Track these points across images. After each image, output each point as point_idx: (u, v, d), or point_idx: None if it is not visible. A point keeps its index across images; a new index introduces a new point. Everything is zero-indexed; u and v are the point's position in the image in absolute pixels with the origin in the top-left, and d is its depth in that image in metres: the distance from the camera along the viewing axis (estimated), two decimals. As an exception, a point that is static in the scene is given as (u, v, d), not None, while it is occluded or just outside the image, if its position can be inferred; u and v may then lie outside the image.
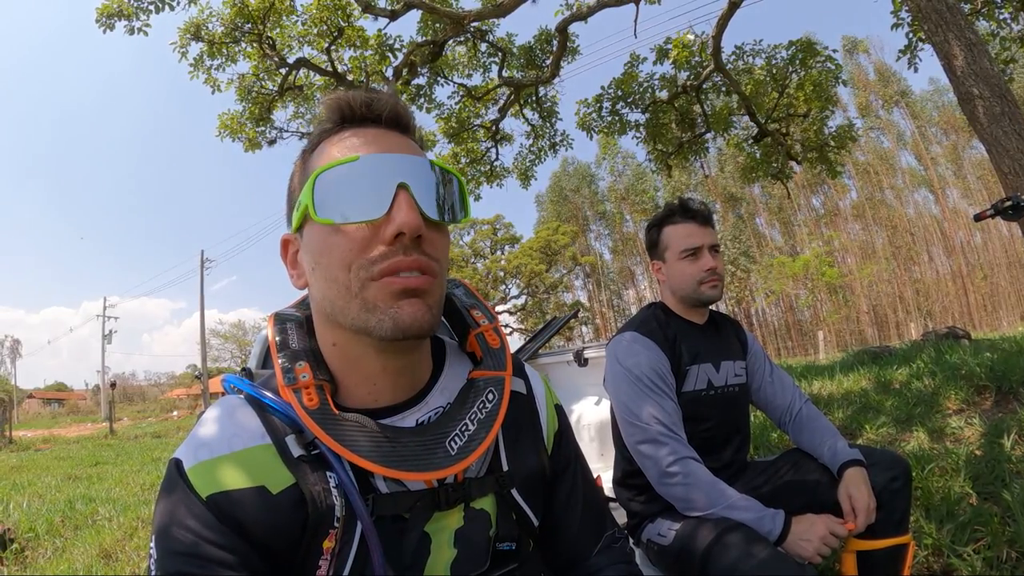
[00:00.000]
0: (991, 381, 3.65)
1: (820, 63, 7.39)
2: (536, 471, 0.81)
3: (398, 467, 0.65)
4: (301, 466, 0.64)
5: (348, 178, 0.65)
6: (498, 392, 0.77)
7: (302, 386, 0.68)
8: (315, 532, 0.63)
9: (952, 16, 3.03)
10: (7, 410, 18.97)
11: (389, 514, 0.66)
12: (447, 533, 0.70)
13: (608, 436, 1.97)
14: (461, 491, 0.71)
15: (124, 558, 3.57)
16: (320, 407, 0.66)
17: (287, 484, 0.63)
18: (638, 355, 1.57)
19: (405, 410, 0.73)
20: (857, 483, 1.40)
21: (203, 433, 0.67)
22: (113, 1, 5.92)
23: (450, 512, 0.71)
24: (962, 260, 34.87)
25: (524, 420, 0.84)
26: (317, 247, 0.67)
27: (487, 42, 7.84)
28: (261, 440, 0.66)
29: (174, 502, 0.62)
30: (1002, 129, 2.77)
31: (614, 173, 44.59)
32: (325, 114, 0.73)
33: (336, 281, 0.65)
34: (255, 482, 0.63)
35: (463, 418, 0.72)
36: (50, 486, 6.87)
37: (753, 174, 8.57)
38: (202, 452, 0.64)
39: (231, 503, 0.61)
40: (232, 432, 0.66)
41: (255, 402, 0.69)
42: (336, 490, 0.64)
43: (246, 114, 7.28)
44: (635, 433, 1.51)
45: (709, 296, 1.66)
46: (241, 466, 0.63)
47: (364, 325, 0.65)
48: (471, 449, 0.70)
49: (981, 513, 2.15)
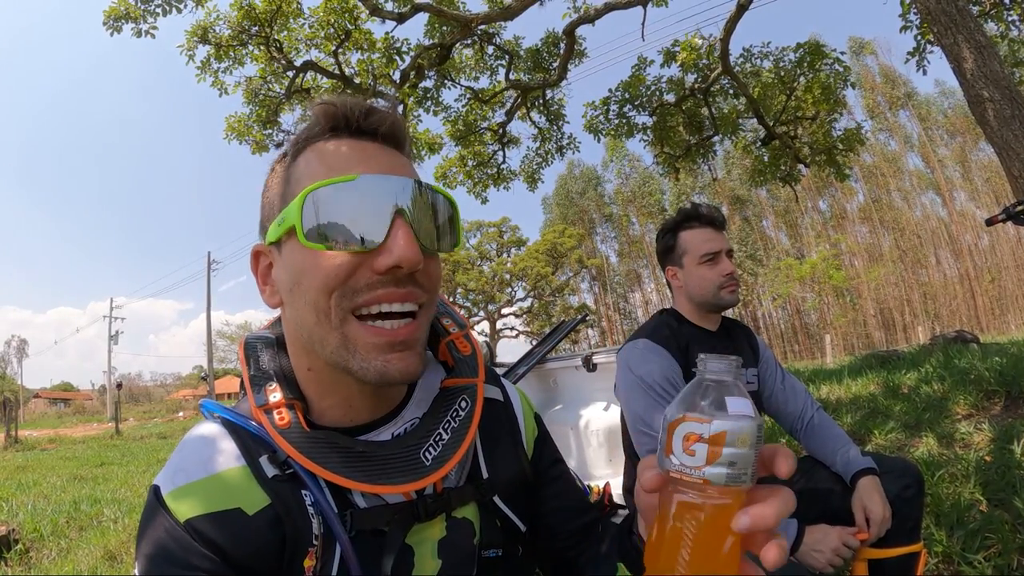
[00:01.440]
0: (1000, 386, 3.63)
1: (828, 65, 7.36)
2: (517, 477, 0.81)
3: (373, 481, 0.64)
4: (276, 486, 0.64)
5: (343, 199, 0.60)
6: (471, 400, 0.76)
7: (273, 407, 0.68)
8: (294, 551, 0.63)
9: (962, 19, 3.01)
10: (13, 410, 19.07)
11: (368, 528, 0.66)
12: (429, 544, 0.70)
13: (616, 442, 1.96)
14: (441, 501, 0.70)
15: (129, 560, 3.57)
16: (292, 426, 0.66)
17: (263, 505, 0.63)
18: (650, 363, 1.56)
19: (380, 426, 0.72)
20: (871, 493, 1.39)
21: (180, 458, 0.67)
22: (120, 4, 5.95)
23: (431, 523, 0.70)
24: (970, 263, 34.65)
25: (502, 427, 0.83)
26: (298, 267, 0.63)
27: (494, 45, 7.85)
28: (236, 462, 0.66)
29: (155, 528, 0.62)
30: (1012, 132, 2.75)
31: (621, 176, 44.64)
32: (316, 119, 0.67)
33: (315, 307, 0.62)
34: (231, 504, 0.63)
35: (436, 428, 0.71)
36: (55, 486, 6.89)
37: (761, 177, 8.53)
38: (179, 477, 0.65)
39: (208, 526, 0.61)
40: (208, 455, 0.67)
41: (230, 425, 0.69)
42: (312, 508, 0.64)
43: (253, 117, 7.32)
44: (647, 442, 1.51)
45: (728, 301, 1.66)
46: (217, 489, 0.63)
47: (344, 364, 0.63)
48: (446, 458, 0.69)
49: (991, 520, 2.14)
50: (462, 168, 8.86)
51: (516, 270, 33.39)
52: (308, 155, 0.66)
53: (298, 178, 0.65)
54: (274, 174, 0.70)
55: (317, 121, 0.67)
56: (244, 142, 7.63)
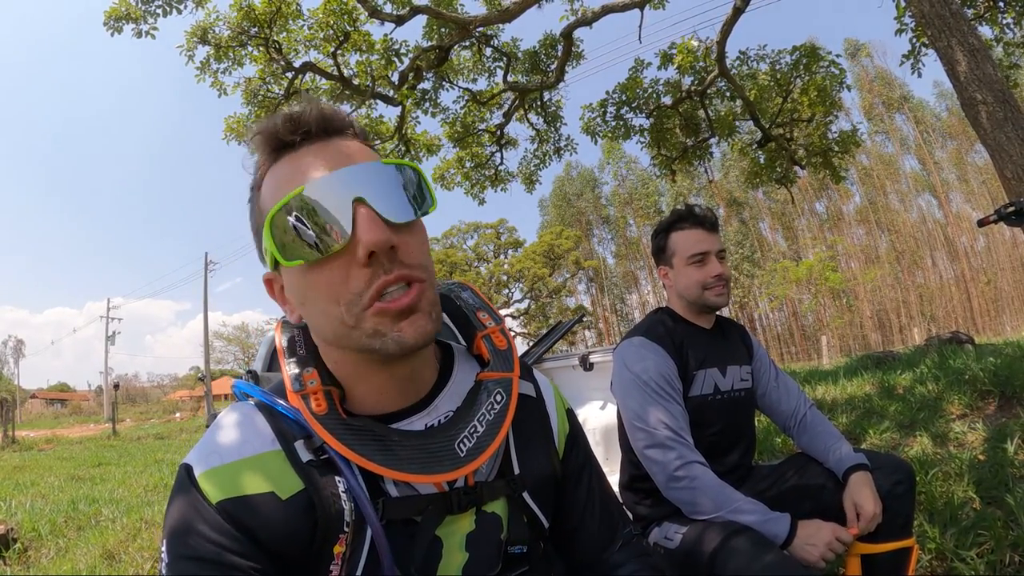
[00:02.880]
0: (995, 386, 3.65)
1: (824, 68, 7.40)
2: (547, 474, 0.81)
3: (406, 470, 0.65)
4: (310, 471, 0.65)
5: (301, 212, 0.61)
6: (506, 393, 0.76)
7: (310, 392, 0.68)
8: (325, 537, 0.63)
9: (955, 22, 3.04)
10: (10, 410, 19.01)
11: (400, 518, 0.66)
12: (458, 537, 0.71)
13: (613, 440, 1.98)
14: (473, 495, 0.70)
15: (128, 559, 3.55)
16: (328, 412, 0.67)
17: (296, 489, 0.64)
18: (646, 360, 1.58)
19: (413, 414, 0.73)
20: (862, 489, 1.41)
21: (214, 439, 0.67)
22: (121, 4, 5.95)
23: (462, 516, 0.71)
24: (966, 265, 34.79)
25: (534, 423, 0.84)
26: (299, 287, 0.67)
27: (492, 47, 7.87)
28: (271, 446, 0.66)
29: (185, 507, 0.62)
30: (1005, 134, 2.77)
31: (617, 178, 44.75)
32: (257, 150, 0.70)
33: (329, 315, 0.65)
34: (265, 488, 0.63)
35: (472, 420, 0.71)
36: (53, 486, 6.87)
37: (757, 179, 8.58)
38: (213, 458, 0.65)
39: (241, 508, 0.61)
40: (243, 438, 0.67)
41: (265, 408, 0.70)
42: (345, 495, 0.64)
43: (252, 117, 7.29)
44: (643, 438, 1.52)
45: (715, 302, 1.67)
46: (251, 472, 0.64)
47: (369, 348, 0.65)
48: (480, 451, 0.69)
49: (984, 517, 2.16)
50: (460, 170, 8.87)
51: (513, 271, 33.42)
52: (266, 183, 0.69)
53: (262, 208, 0.68)
54: (250, 209, 0.74)
55: (259, 152, 0.70)
56: (243, 143, 7.58)
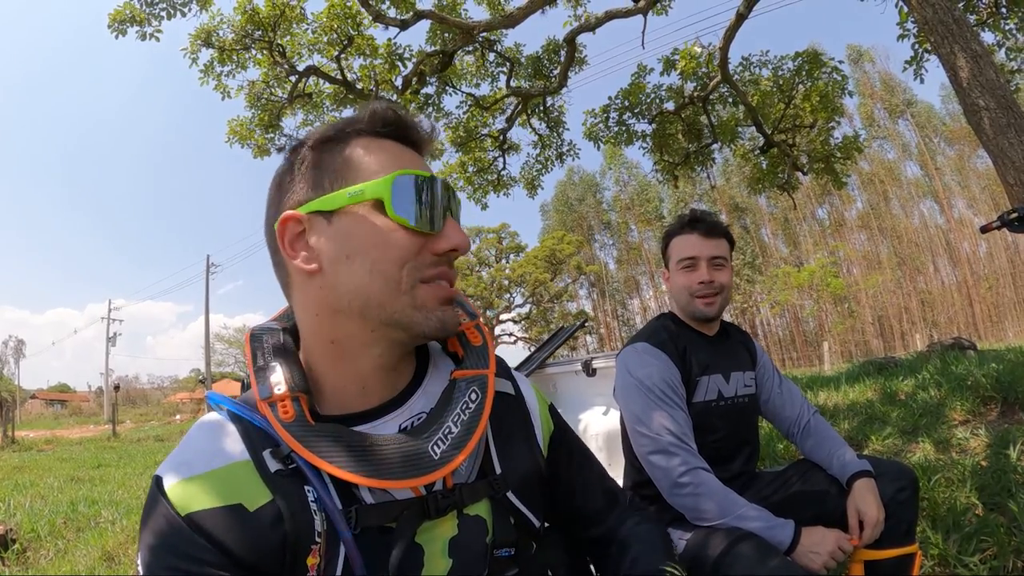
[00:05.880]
0: (997, 392, 3.63)
1: (826, 74, 7.41)
2: (531, 471, 0.80)
3: (379, 476, 0.63)
4: (279, 481, 0.63)
5: (420, 189, 0.69)
6: (481, 391, 0.75)
7: (277, 399, 0.67)
8: (296, 549, 0.61)
9: (958, 28, 3.04)
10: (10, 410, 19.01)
11: (375, 525, 0.64)
12: (440, 543, 0.69)
13: (616, 446, 1.97)
14: (452, 498, 0.69)
15: (127, 561, 3.55)
16: (296, 419, 0.66)
17: (264, 501, 0.62)
18: (649, 366, 1.57)
19: (387, 413, 0.72)
20: (865, 495, 1.41)
21: (184, 451, 0.67)
22: (125, 7, 5.99)
23: (442, 520, 0.69)
24: (968, 270, 34.75)
25: (514, 421, 0.83)
26: (369, 240, 0.67)
27: (495, 52, 7.90)
28: (240, 457, 0.65)
29: (157, 519, 0.62)
30: (1008, 140, 2.77)
31: (619, 183, 44.77)
32: (367, 117, 0.73)
33: (386, 276, 0.67)
34: (232, 500, 0.62)
35: (446, 420, 0.70)
36: (52, 487, 6.85)
37: (759, 185, 8.58)
38: (182, 470, 0.64)
39: (209, 521, 0.60)
40: (212, 449, 0.66)
41: (235, 417, 0.69)
42: (315, 504, 0.63)
43: (255, 121, 7.34)
44: (646, 444, 1.51)
45: (702, 312, 1.65)
46: (218, 484, 0.62)
47: (409, 321, 0.69)
48: (456, 452, 0.68)
49: (987, 523, 2.14)
50: (462, 174, 8.89)
51: (515, 276, 33.39)
52: (353, 146, 0.71)
53: (358, 160, 0.70)
54: (309, 152, 0.72)
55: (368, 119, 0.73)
56: (246, 146, 7.66)
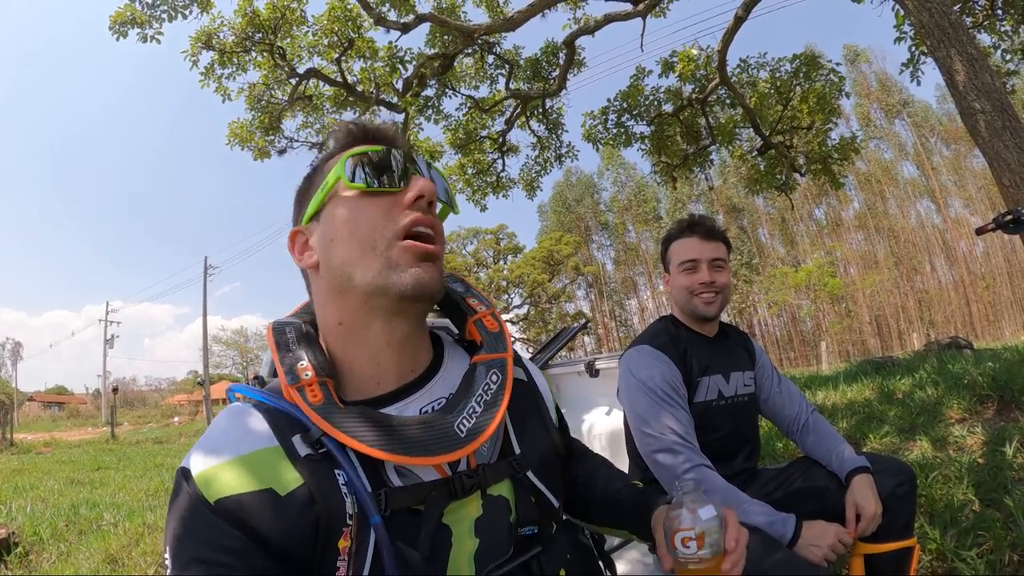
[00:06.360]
0: (993, 390, 3.66)
1: (823, 76, 7.45)
2: (549, 449, 0.84)
3: (407, 453, 0.65)
4: (309, 465, 0.64)
5: (374, 159, 0.75)
6: (502, 373, 0.78)
7: (305, 384, 0.69)
8: (328, 532, 0.62)
9: (954, 31, 3.08)
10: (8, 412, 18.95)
11: (403, 507, 0.66)
12: (467, 523, 0.70)
13: (619, 446, 2.00)
14: (476, 478, 0.70)
15: (131, 564, 3.55)
16: (324, 402, 0.67)
17: (295, 485, 0.63)
18: (651, 368, 1.61)
19: (408, 396, 0.75)
20: (864, 490, 1.44)
21: (210, 439, 0.67)
22: (126, 9, 5.99)
23: (467, 501, 0.70)
24: (964, 270, 34.81)
25: (529, 404, 0.86)
26: (342, 216, 0.74)
27: (494, 54, 7.92)
28: (268, 443, 0.66)
29: (184, 510, 0.62)
30: (1003, 143, 2.81)
31: (617, 184, 44.73)
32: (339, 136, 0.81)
33: (361, 242, 0.72)
34: (263, 485, 0.62)
35: (469, 401, 0.73)
36: (53, 490, 6.85)
37: (757, 186, 8.61)
38: (210, 458, 0.64)
39: (239, 507, 0.61)
40: (239, 436, 0.67)
41: (261, 406, 0.70)
42: (345, 487, 0.64)
43: (256, 123, 7.35)
44: (651, 443, 1.55)
45: (702, 311, 1.70)
46: (248, 470, 0.63)
47: (385, 283, 0.71)
48: (480, 430, 0.70)
49: (984, 519, 2.18)
50: (462, 176, 8.91)
51: (513, 277, 33.38)
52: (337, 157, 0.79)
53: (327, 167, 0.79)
54: (309, 176, 0.82)
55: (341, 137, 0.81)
56: (246, 148, 7.67)
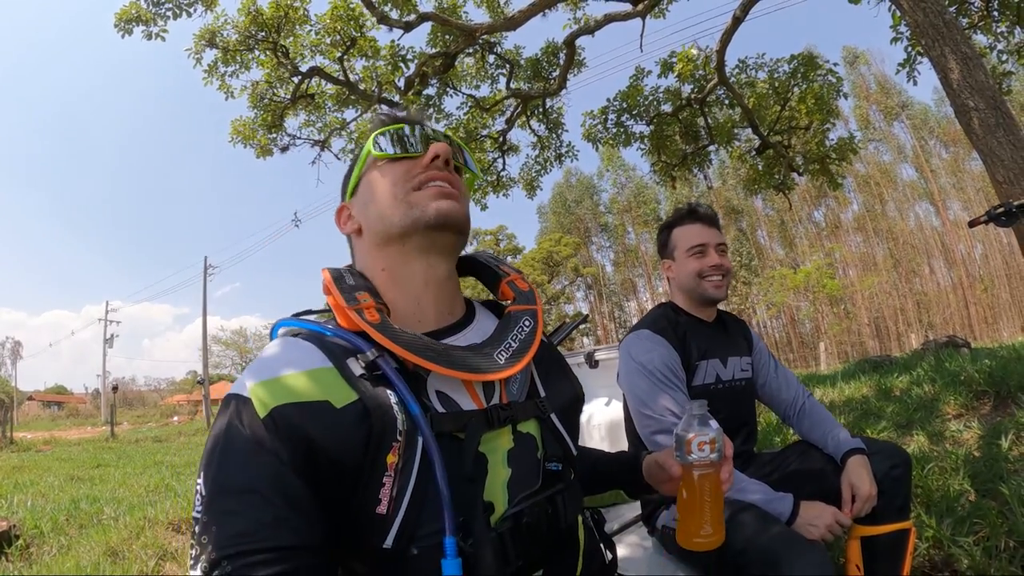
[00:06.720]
0: (990, 386, 3.69)
1: (822, 76, 7.50)
2: (570, 397, 0.92)
3: (456, 368, 0.73)
4: (363, 383, 0.68)
5: (395, 133, 0.87)
6: (533, 320, 0.88)
7: (364, 307, 0.75)
8: (378, 446, 0.65)
9: (949, 31, 3.12)
10: (8, 411, 18.95)
11: (446, 431, 0.70)
12: (501, 453, 0.76)
13: (618, 436, 2.04)
14: (508, 411, 0.77)
15: (132, 556, 3.55)
16: (382, 322, 0.74)
17: (351, 400, 0.67)
18: (651, 351, 1.64)
19: (447, 336, 0.82)
20: (859, 471, 1.47)
21: (263, 360, 0.71)
22: (132, 6, 6.02)
23: (501, 432, 0.77)
24: (963, 272, 34.83)
25: (551, 359, 0.95)
26: (374, 181, 0.86)
27: (495, 54, 7.95)
28: (322, 363, 0.69)
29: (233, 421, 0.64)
30: (997, 140, 2.84)
31: (617, 185, 44.75)
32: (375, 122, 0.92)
33: (388, 195, 0.83)
34: (319, 397, 0.66)
35: (505, 338, 0.82)
36: (53, 486, 6.85)
37: (755, 185, 8.65)
38: (264, 373, 0.67)
39: (296, 413, 0.64)
40: (293, 357, 0.70)
41: (311, 335, 0.75)
42: (397, 406, 0.68)
43: (258, 121, 7.37)
44: (650, 424, 1.58)
45: (712, 294, 1.74)
46: (305, 383, 0.66)
47: (412, 221, 0.80)
48: (518, 359, 0.80)
49: (980, 507, 2.22)
50: (462, 175, 8.93)
51: (512, 277, 33.38)
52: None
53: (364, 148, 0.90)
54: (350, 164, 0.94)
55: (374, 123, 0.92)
56: (249, 146, 7.70)
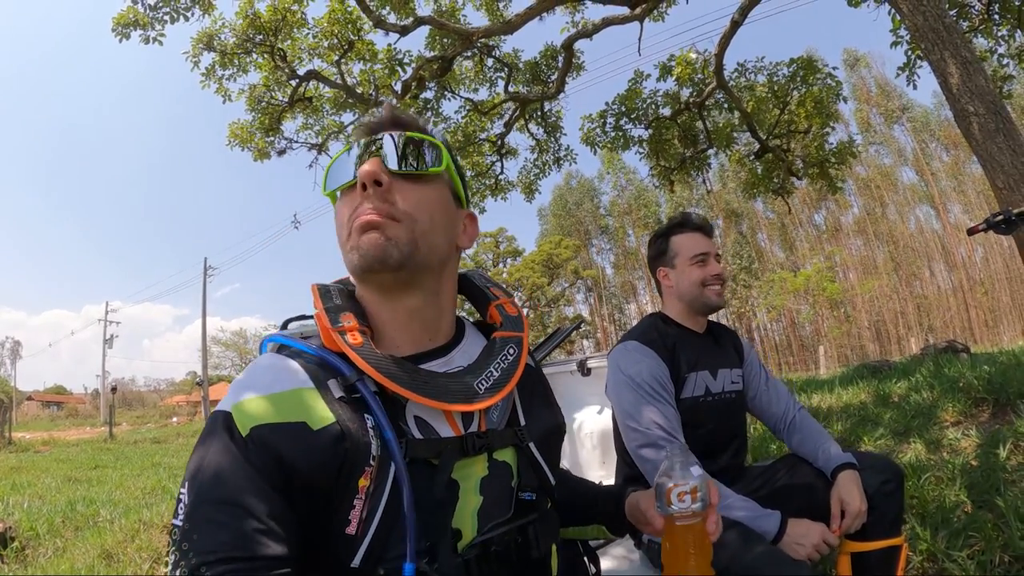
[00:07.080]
0: (989, 393, 3.66)
1: (821, 80, 7.48)
2: (551, 426, 0.91)
3: (434, 397, 0.72)
4: (341, 406, 0.69)
5: (335, 164, 0.82)
6: (518, 348, 0.86)
7: (347, 329, 0.74)
8: (351, 469, 0.65)
9: (948, 35, 3.11)
10: (7, 411, 18.92)
11: (421, 457, 0.70)
12: (473, 480, 0.76)
13: (609, 445, 2.01)
14: (485, 439, 0.76)
15: (126, 559, 3.56)
16: (364, 345, 0.73)
17: (328, 422, 0.66)
18: (639, 363, 1.61)
19: (432, 360, 0.80)
20: (849, 486, 1.44)
21: (245, 379, 0.71)
22: (129, 11, 6.03)
23: (475, 460, 0.76)
24: (963, 275, 34.76)
25: (536, 386, 0.93)
26: (336, 221, 0.82)
27: (493, 57, 7.95)
28: (304, 384, 0.69)
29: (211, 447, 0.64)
30: (996, 145, 2.83)
31: (617, 188, 44.73)
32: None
33: (340, 239, 0.79)
34: (297, 418, 0.66)
35: (488, 367, 0.81)
36: (50, 487, 6.87)
37: (755, 189, 8.64)
38: (245, 393, 0.68)
39: (273, 435, 0.64)
40: (275, 377, 0.70)
41: (296, 352, 0.75)
42: (373, 431, 0.68)
43: (256, 124, 7.38)
44: (636, 437, 1.55)
45: (714, 302, 1.72)
46: (283, 404, 0.66)
47: (350, 264, 0.77)
48: (497, 389, 0.78)
49: (975, 520, 2.19)
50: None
51: (512, 280, 33.43)
52: None
53: None
54: None
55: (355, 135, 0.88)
56: (247, 149, 7.71)
